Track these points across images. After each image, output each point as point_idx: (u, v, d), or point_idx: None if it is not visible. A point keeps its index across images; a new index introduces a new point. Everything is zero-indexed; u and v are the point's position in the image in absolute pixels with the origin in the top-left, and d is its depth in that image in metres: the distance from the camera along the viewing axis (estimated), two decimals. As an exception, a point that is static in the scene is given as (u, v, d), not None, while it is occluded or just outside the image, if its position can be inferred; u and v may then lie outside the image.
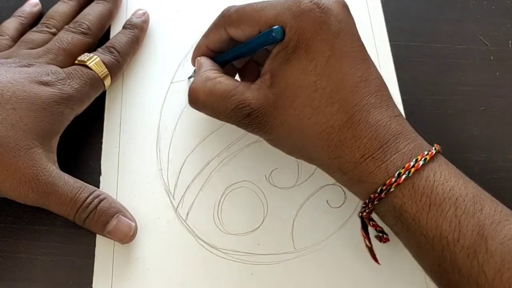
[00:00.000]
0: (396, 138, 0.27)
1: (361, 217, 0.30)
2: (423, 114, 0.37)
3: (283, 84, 0.28)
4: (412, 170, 0.26)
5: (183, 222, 0.33)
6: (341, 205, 0.34)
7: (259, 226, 0.33)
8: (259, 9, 0.29)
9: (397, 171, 0.26)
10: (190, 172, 0.34)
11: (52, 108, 0.30)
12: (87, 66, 0.33)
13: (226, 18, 0.31)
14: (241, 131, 0.35)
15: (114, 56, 0.35)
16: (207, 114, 0.31)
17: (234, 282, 0.31)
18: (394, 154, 0.27)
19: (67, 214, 0.30)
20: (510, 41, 0.41)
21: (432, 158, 0.27)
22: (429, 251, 0.26)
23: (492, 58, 0.40)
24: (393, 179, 0.26)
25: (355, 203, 0.34)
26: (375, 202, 0.27)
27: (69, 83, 0.32)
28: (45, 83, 0.31)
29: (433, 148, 0.27)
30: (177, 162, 0.34)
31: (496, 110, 0.38)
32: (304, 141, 0.28)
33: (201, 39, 0.33)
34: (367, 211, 0.28)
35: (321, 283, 0.31)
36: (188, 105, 0.36)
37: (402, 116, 0.29)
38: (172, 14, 0.40)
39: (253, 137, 0.35)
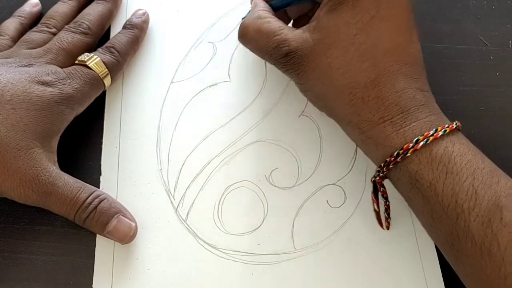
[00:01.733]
0: (418, 108, 0.28)
1: (374, 182, 0.30)
2: (423, 114, 0.37)
3: (323, 32, 0.29)
4: (431, 138, 0.26)
5: (183, 222, 0.33)
6: (341, 205, 0.34)
7: (259, 226, 0.33)
8: None
9: (415, 138, 0.27)
10: (190, 172, 0.34)
11: (53, 108, 0.30)
12: (87, 66, 0.33)
13: None
14: (241, 131, 0.35)
15: (114, 56, 0.35)
16: (251, 49, 0.33)
17: (234, 282, 0.31)
18: (414, 122, 0.27)
19: (67, 214, 0.30)
20: (510, 41, 0.41)
21: (452, 131, 0.27)
22: (443, 219, 0.26)
23: (492, 58, 0.40)
24: (411, 144, 0.26)
25: (355, 203, 0.34)
26: (390, 166, 0.28)
27: (70, 83, 0.32)
28: (46, 83, 0.31)
29: (454, 123, 0.28)
30: (177, 162, 0.34)
31: (496, 110, 0.38)
32: (329, 91, 0.29)
33: None
34: (380, 175, 0.29)
35: (321, 283, 0.31)
36: (189, 105, 0.36)
37: (430, 93, 0.29)
38: (172, 14, 0.40)
39: (253, 137, 0.35)
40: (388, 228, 0.32)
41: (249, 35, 0.32)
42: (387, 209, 0.32)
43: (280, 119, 0.36)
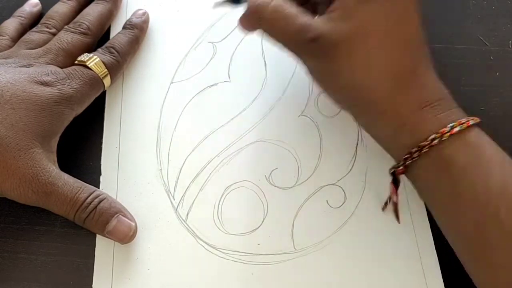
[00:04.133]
0: (449, 98, 0.29)
1: (393, 173, 0.31)
2: (423, 114, 0.37)
3: (357, 22, 0.29)
4: (465, 125, 0.27)
5: (183, 222, 0.33)
6: (341, 205, 0.34)
7: (259, 226, 0.33)
8: None
9: (450, 124, 0.27)
10: (190, 172, 0.34)
11: (52, 108, 0.30)
12: (86, 66, 0.33)
13: None
14: (241, 131, 0.35)
15: (114, 56, 0.35)
16: (266, 30, 0.31)
17: (234, 282, 0.31)
18: (449, 109, 0.29)
19: (67, 214, 0.30)
20: (510, 41, 0.41)
21: (479, 124, 0.29)
22: (471, 205, 0.27)
23: (492, 58, 0.40)
24: (447, 129, 0.27)
25: (355, 203, 0.34)
26: (423, 151, 0.28)
27: (69, 83, 0.32)
28: (45, 83, 0.31)
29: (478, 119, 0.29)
30: (177, 162, 0.34)
31: (496, 110, 0.38)
32: (366, 79, 0.29)
33: None
34: (406, 164, 0.29)
35: (321, 283, 0.31)
36: (189, 105, 0.36)
37: None
38: (172, 14, 0.40)
39: (253, 137, 0.35)
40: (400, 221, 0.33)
41: (265, 15, 0.30)
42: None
43: (280, 119, 0.36)
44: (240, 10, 0.41)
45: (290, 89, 0.37)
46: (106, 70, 0.34)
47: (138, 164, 0.34)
